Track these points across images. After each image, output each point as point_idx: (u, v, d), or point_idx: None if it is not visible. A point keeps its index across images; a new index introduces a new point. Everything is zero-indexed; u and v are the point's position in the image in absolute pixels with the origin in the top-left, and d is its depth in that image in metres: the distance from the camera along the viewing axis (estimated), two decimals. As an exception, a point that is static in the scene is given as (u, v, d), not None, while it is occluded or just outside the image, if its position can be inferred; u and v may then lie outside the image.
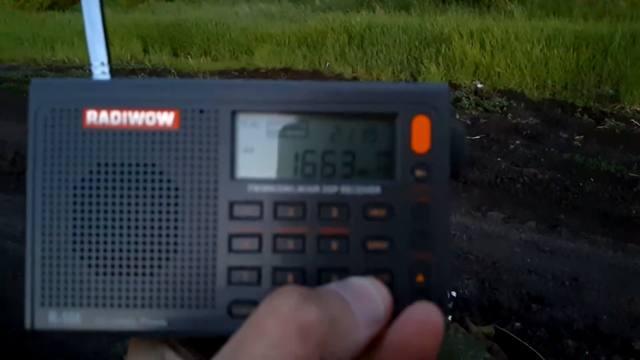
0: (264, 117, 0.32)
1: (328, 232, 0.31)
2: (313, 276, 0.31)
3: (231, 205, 0.31)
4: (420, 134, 0.31)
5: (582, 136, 4.22)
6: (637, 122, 4.45)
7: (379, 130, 0.32)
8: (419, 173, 0.31)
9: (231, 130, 0.31)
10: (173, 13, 9.37)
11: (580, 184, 3.54)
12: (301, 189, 0.31)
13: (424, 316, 0.27)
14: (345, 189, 0.31)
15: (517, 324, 2.33)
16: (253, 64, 6.88)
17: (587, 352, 2.20)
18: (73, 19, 8.97)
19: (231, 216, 0.31)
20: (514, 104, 4.84)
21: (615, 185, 3.52)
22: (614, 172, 3.65)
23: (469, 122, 4.56)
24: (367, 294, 0.28)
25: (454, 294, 1.77)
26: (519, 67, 5.50)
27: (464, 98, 5.05)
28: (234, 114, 0.31)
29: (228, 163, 0.31)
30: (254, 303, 0.30)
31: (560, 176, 3.59)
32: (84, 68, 6.92)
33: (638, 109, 4.76)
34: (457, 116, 4.70)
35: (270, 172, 0.32)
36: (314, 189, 0.31)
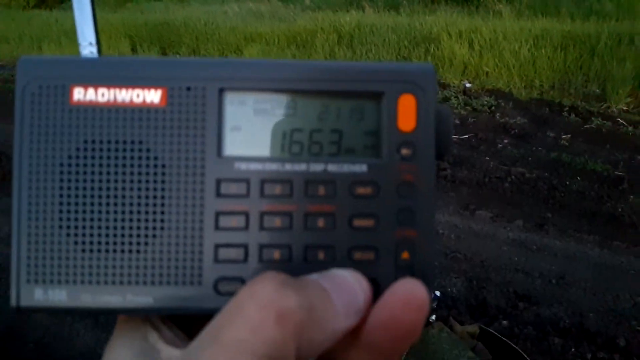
0: (252, 95, 0.32)
1: (315, 210, 0.31)
2: (299, 253, 0.31)
3: (218, 182, 0.31)
4: (406, 113, 0.32)
5: (569, 135, 4.26)
6: (623, 121, 4.49)
7: (365, 109, 0.32)
8: (404, 151, 0.31)
9: (218, 108, 0.31)
10: (162, 12, 9.32)
11: (567, 182, 3.56)
12: (288, 166, 0.31)
13: (409, 291, 0.27)
14: (332, 167, 0.31)
15: (504, 322, 2.35)
16: (242, 64, 6.84)
17: (573, 350, 2.22)
18: (60, 18, 8.89)
19: (218, 194, 0.31)
20: (502, 104, 4.87)
21: (601, 184, 3.55)
22: (600, 171, 3.68)
23: (457, 121, 4.57)
24: (348, 285, 0.28)
25: (437, 293, 1.77)
26: (507, 67, 5.53)
27: (452, 97, 5.07)
28: (221, 91, 0.31)
29: (215, 141, 0.31)
30: (241, 280, 0.30)
31: (547, 175, 3.62)
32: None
33: (624, 108, 4.80)
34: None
35: (258, 150, 0.32)
36: (301, 167, 0.31)
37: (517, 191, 3.49)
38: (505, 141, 4.18)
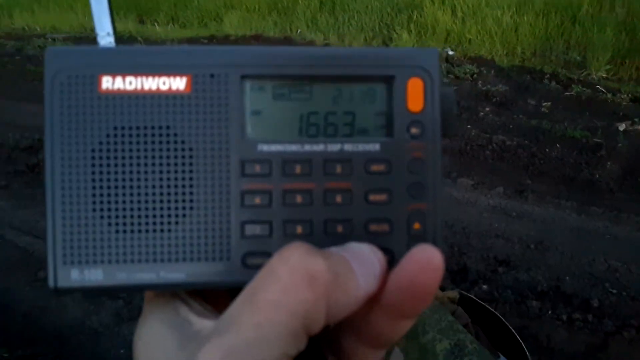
0: (271, 81, 0.34)
1: (333, 187, 0.33)
2: (320, 227, 0.33)
3: (242, 163, 0.33)
4: (415, 95, 0.34)
5: (549, 103, 4.30)
6: (602, 89, 4.55)
7: (377, 92, 0.34)
8: (414, 130, 0.34)
9: (240, 94, 0.33)
10: (138, -22, 9.01)
11: (547, 149, 3.62)
12: (307, 147, 0.33)
13: (427, 255, 0.29)
14: (348, 147, 0.34)
15: (484, 287, 2.42)
16: (222, 31, 6.72)
17: (549, 312, 2.31)
18: (32, -16, 8.55)
19: (243, 174, 0.33)
20: (484, 71, 4.88)
21: (580, 150, 3.62)
22: (579, 138, 3.74)
23: (440, 89, 4.58)
24: (365, 255, 0.30)
25: None
26: (490, 34, 5.52)
27: (435, 65, 5.05)
28: (242, 78, 0.33)
29: (238, 124, 0.33)
30: (267, 254, 0.32)
31: (527, 142, 3.67)
32: (46, 36, 6.66)
33: (603, 75, 4.85)
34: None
35: (278, 133, 0.34)
36: (319, 147, 0.33)
37: (498, 159, 3.54)
38: (487, 109, 4.21)
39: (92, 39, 6.44)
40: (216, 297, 0.34)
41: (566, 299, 2.38)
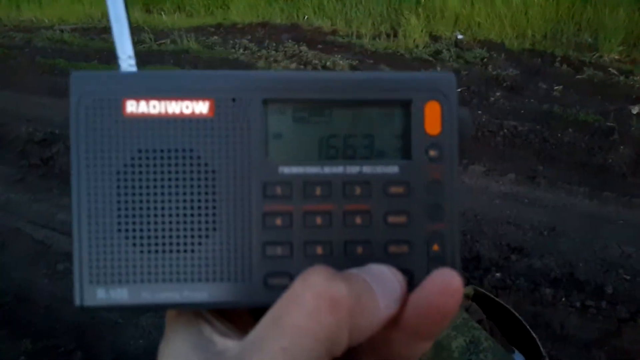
0: (291, 105, 0.35)
1: (352, 208, 0.34)
2: (340, 248, 0.34)
3: (264, 185, 0.33)
4: (432, 118, 0.35)
5: (560, 86, 4.26)
6: (614, 71, 4.49)
7: (395, 115, 0.35)
8: (432, 153, 0.34)
9: (261, 118, 0.34)
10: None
11: (559, 134, 3.59)
12: (327, 169, 0.34)
13: (447, 279, 0.30)
14: (367, 169, 0.34)
15: (497, 274, 2.43)
16: (229, 19, 6.69)
17: (563, 299, 2.31)
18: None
19: (264, 196, 0.33)
20: (494, 55, 4.83)
21: (592, 135, 3.59)
22: (591, 122, 3.71)
23: (449, 75, 4.54)
24: (385, 277, 0.31)
25: None
26: (499, 17, 5.44)
27: (444, 50, 5.01)
28: (264, 102, 0.34)
29: (259, 147, 0.34)
30: (288, 274, 0.33)
31: (539, 127, 3.64)
32: (54, 28, 6.65)
33: (616, 57, 4.78)
34: (439, 69, 4.68)
35: (298, 155, 0.34)
36: (338, 169, 0.34)
37: (509, 144, 3.52)
38: (498, 94, 4.17)
39: (100, 29, 6.44)
40: (237, 315, 0.34)
41: (579, 286, 2.38)
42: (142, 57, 4.95)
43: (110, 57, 5.07)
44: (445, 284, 0.30)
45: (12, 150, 3.63)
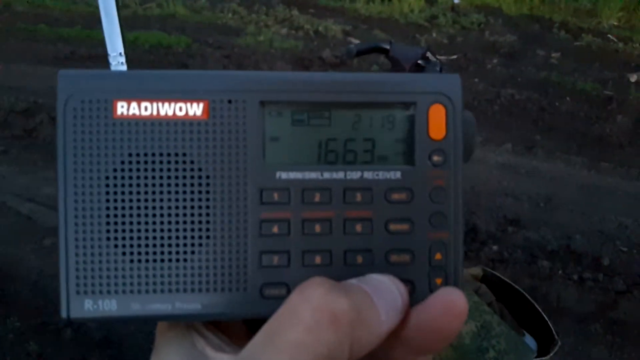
0: (289, 107, 0.33)
1: (353, 215, 0.33)
2: (339, 257, 0.32)
3: (261, 191, 0.32)
4: (437, 122, 0.33)
5: (559, 53, 4.17)
6: (613, 38, 4.40)
7: (397, 119, 0.34)
8: (436, 158, 0.33)
9: (258, 120, 0.32)
10: None
11: (557, 103, 3.54)
12: (326, 175, 0.33)
13: (451, 299, 0.29)
14: (368, 175, 0.33)
15: (494, 247, 2.40)
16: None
17: (560, 272, 2.30)
18: None
19: (261, 202, 0.32)
20: (492, 21, 4.72)
21: (590, 104, 3.54)
22: (590, 91, 3.65)
23: (445, 40, 4.43)
24: (386, 288, 0.30)
25: None
26: (497, -20, 5.29)
27: (440, 15, 4.88)
28: (261, 104, 0.33)
29: (256, 151, 0.32)
30: (285, 285, 0.32)
31: (537, 96, 3.58)
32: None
33: (615, 23, 4.69)
34: (434, 35, 4.56)
35: (296, 160, 0.33)
36: (339, 174, 0.33)
37: (506, 114, 3.46)
38: (495, 61, 4.08)
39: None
40: (231, 327, 0.33)
41: (576, 258, 2.38)
42: (127, 22, 4.77)
43: (94, 22, 4.88)
44: (450, 305, 0.29)
45: (-6, 121, 3.51)
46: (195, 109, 0.32)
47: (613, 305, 2.18)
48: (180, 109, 0.32)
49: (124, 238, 0.31)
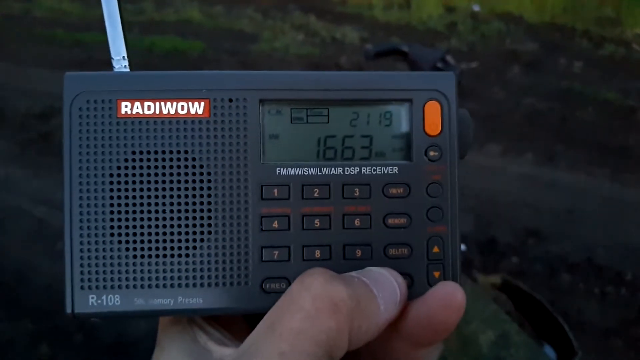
0: (288, 105, 0.34)
1: (351, 210, 0.34)
2: (339, 251, 0.33)
3: (261, 187, 0.33)
4: (432, 118, 0.34)
5: (581, 63, 4.09)
6: (637, 47, 4.31)
7: (394, 116, 0.35)
8: (432, 154, 0.34)
9: (258, 118, 0.33)
10: None
11: (578, 113, 3.46)
12: (325, 170, 0.34)
13: (450, 294, 0.30)
14: (366, 170, 0.34)
15: (514, 259, 2.34)
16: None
17: (581, 285, 2.23)
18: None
19: (261, 198, 0.33)
20: (512, 29, 4.65)
21: (613, 114, 3.45)
22: (613, 101, 3.56)
23: (465, 48, 4.38)
24: (385, 280, 0.31)
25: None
26: (517, -12, 5.23)
27: (459, 22, 4.82)
28: (260, 102, 0.33)
29: (256, 148, 0.33)
30: (285, 279, 0.33)
31: (558, 106, 3.51)
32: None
33: (638, 32, 4.59)
34: (453, 42, 4.51)
35: (296, 156, 0.34)
36: (337, 170, 0.34)
37: (527, 123, 3.39)
38: (515, 70, 4.01)
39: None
40: (231, 322, 0.34)
41: (598, 272, 2.30)
42: (142, 28, 4.80)
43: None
44: (449, 299, 0.29)
45: (10, 125, 3.54)
46: (197, 108, 0.32)
47: (635, 320, 2.10)
48: (182, 107, 0.32)
49: (127, 234, 0.32)
